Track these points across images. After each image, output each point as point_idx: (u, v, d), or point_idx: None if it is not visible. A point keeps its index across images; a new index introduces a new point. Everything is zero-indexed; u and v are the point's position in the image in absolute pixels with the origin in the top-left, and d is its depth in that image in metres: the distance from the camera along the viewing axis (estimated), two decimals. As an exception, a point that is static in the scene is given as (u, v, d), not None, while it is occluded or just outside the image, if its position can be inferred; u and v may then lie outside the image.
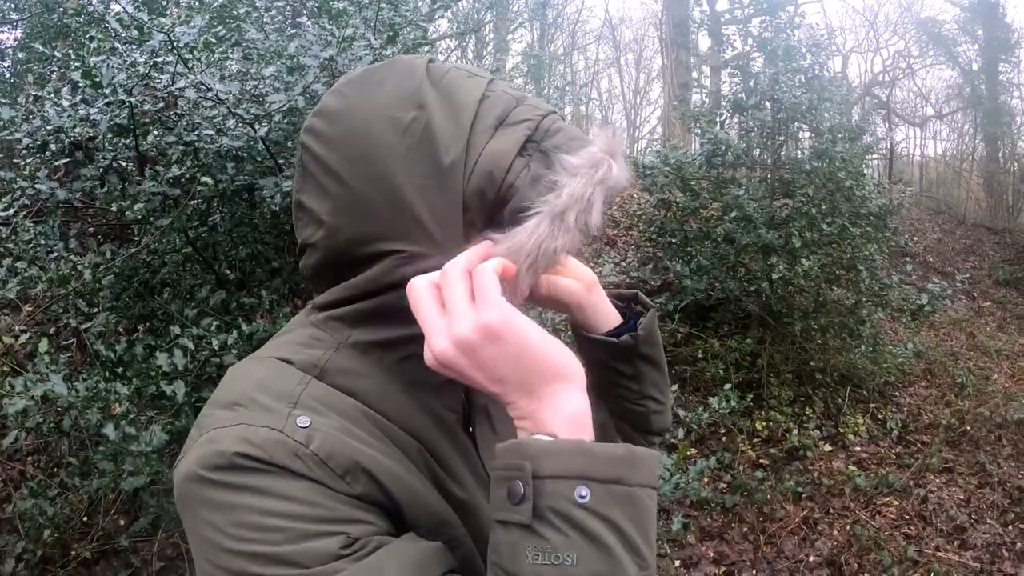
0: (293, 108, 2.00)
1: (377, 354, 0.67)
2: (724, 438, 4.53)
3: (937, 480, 4.40)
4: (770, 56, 5.40)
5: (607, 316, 0.81)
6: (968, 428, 5.01)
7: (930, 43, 14.59)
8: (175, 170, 2.10)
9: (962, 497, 4.23)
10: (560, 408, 0.56)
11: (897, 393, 5.54)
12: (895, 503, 4.09)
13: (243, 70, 2.18)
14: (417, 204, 0.62)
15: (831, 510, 3.99)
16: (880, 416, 5.11)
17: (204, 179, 2.00)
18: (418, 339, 0.62)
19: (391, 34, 1.99)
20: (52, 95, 2.45)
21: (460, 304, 0.56)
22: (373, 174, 0.63)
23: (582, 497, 0.51)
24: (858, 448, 4.77)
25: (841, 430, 4.87)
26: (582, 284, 0.77)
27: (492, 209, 0.64)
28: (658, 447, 0.95)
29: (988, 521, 4.01)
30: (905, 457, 4.69)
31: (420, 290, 0.58)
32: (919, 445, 4.86)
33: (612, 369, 0.83)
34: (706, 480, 3.86)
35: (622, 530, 0.51)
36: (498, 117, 0.64)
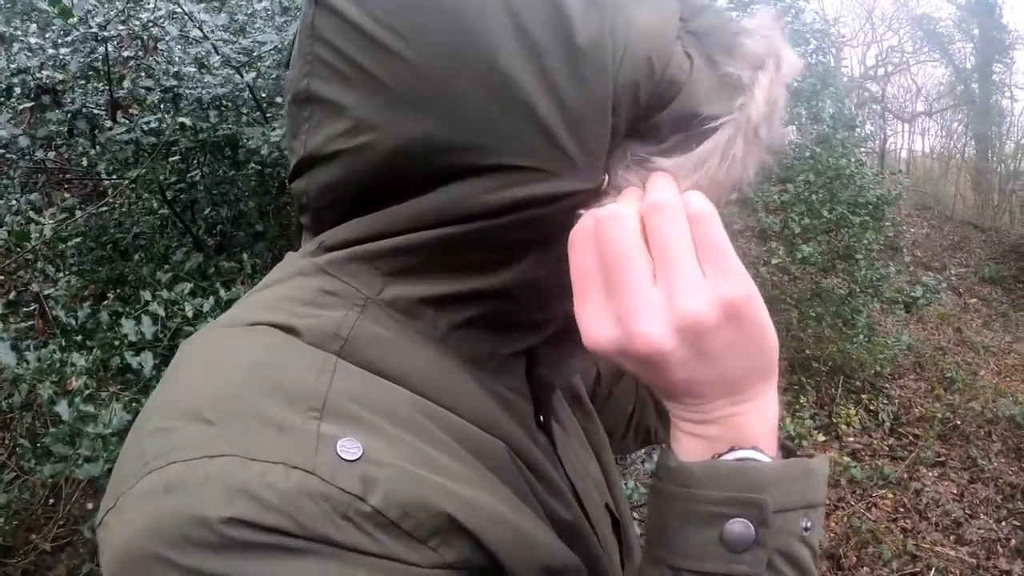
0: (285, 57, 1.80)
1: (429, 316, 0.43)
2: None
3: (930, 474, 4.37)
4: (775, 38, 5.27)
5: None
6: (959, 423, 5.00)
7: (925, 39, 14.61)
8: (151, 118, 1.89)
9: (955, 492, 4.20)
10: (768, 415, 0.42)
11: (888, 385, 5.52)
12: (890, 496, 4.04)
13: (231, 4, 1.97)
14: (538, 98, 0.39)
15: (828, 501, 3.92)
16: (872, 407, 5.07)
17: (182, 119, 1.78)
18: (497, 294, 0.44)
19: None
20: (18, 31, 2.21)
21: (689, 268, 0.38)
22: (458, 44, 0.38)
23: (806, 530, 0.41)
24: (851, 439, 4.73)
25: (834, 420, 4.82)
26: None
27: (642, 113, 0.42)
28: None
29: (982, 516, 3.97)
30: (898, 449, 4.66)
31: (619, 237, 0.39)
32: (911, 438, 4.84)
33: None
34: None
35: (815, 554, 0.42)
36: None
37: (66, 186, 2.70)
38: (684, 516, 0.39)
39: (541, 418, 0.52)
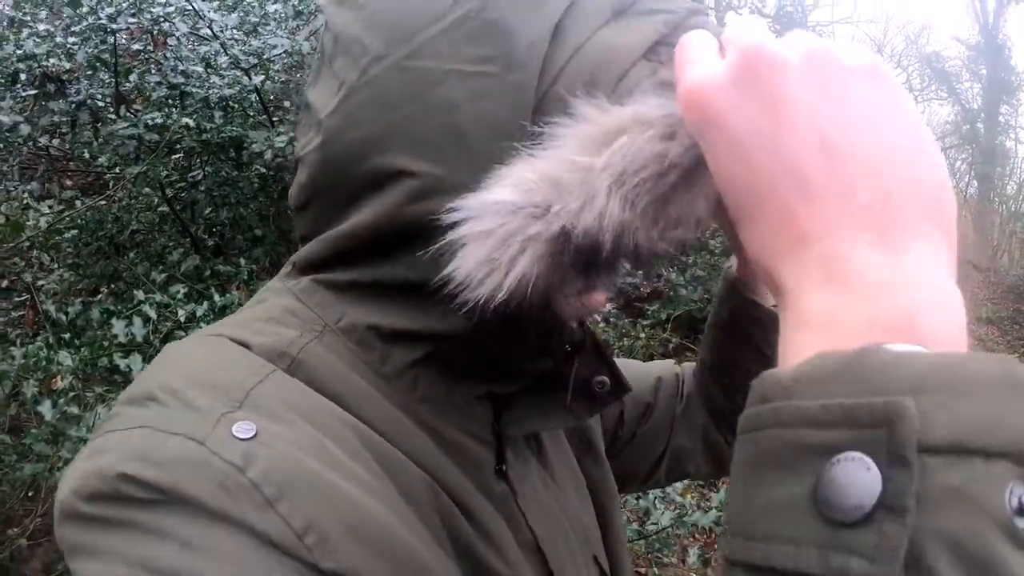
0: (295, 59, 1.78)
1: (380, 349, 0.44)
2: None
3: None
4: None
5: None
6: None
7: (933, 77, 14.74)
8: (156, 114, 1.86)
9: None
10: (948, 296, 0.25)
11: (881, 423, 5.51)
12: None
13: (244, 5, 1.95)
14: (460, 102, 0.39)
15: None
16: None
17: (185, 120, 1.76)
18: (445, 338, 0.44)
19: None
20: (28, 19, 2.19)
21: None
22: (402, 53, 0.41)
23: (1020, 513, 0.20)
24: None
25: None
26: None
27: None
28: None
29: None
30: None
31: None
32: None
33: (756, 352, 0.64)
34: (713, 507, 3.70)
35: None
36: (616, 2, 0.41)
37: (66, 177, 2.67)
38: (755, 460, 0.24)
39: (504, 467, 0.49)
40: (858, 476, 0.21)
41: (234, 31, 1.73)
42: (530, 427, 0.52)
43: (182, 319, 1.62)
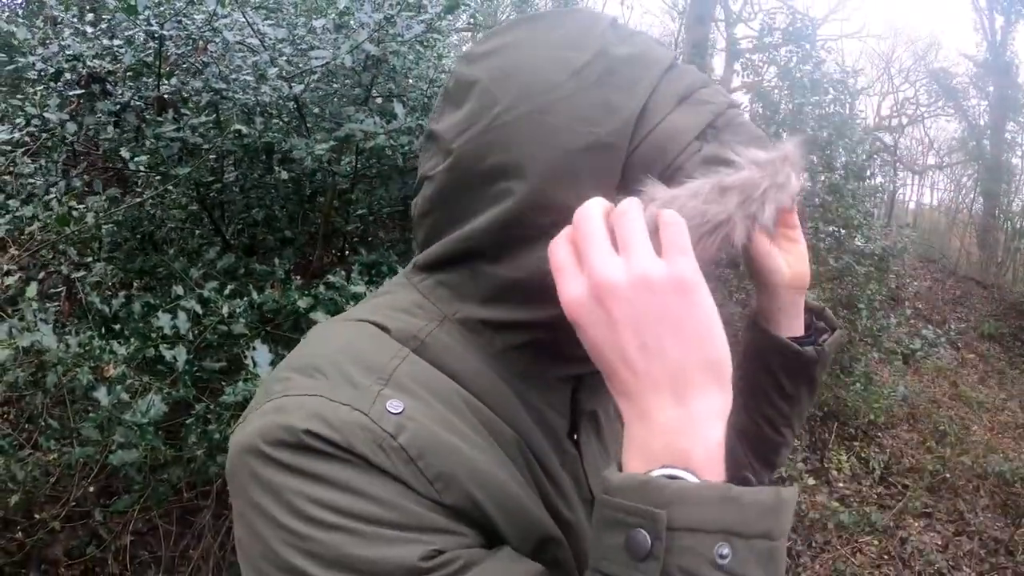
0: (334, 69, 1.88)
1: (488, 335, 0.57)
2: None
3: (917, 524, 4.39)
4: (795, 86, 5.37)
5: (794, 321, 0.72)
6: (948, 476, 5.03)
7: (940, 93, 14.79)
8: (201, 118, 1.96)
9: (940, 543, 4.23)
10: (705, 435, 0.44)
11: (880, 434, 5.55)
12: (876, 543, 4.07)
13: (290, 20, 2.05)
14: (573, 150, 0.53)
15: (814, 544, 3.95)
16: (864, 455, 5.11)
17: (237, 126, 1.86)
18: (541, 325, 0.56)
19: (451, 2, 1.88)
20: (75, 19, 2.28)
21: (642, 241, 0.46)
22: (526, 107, 0.53)
23: (722, 557, 0.41)
24: (841, 484, 4.76)
25: (826, 465, 4.86)
26: (792, 274, 0.68)
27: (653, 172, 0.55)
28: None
29: (965, 568, 4.00)
30: (886, 498, 4.69)
31: (589, 217, 0.48)
32: (900, 487, 4.87)
33: (774, 380, 0.73)
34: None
35: None
36: (682, 92, 0.56)
37: (106, 175, 2.77)
38: (602, 520, 0.45)
39: (576, 435, 0.63)
40: (640, 540, 0.42)
41: (283, 44, 1.83)
42: (597, 403, 0.64)
43: (225, 314, 1.71)
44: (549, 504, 0.57)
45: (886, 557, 3.99)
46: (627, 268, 0.45)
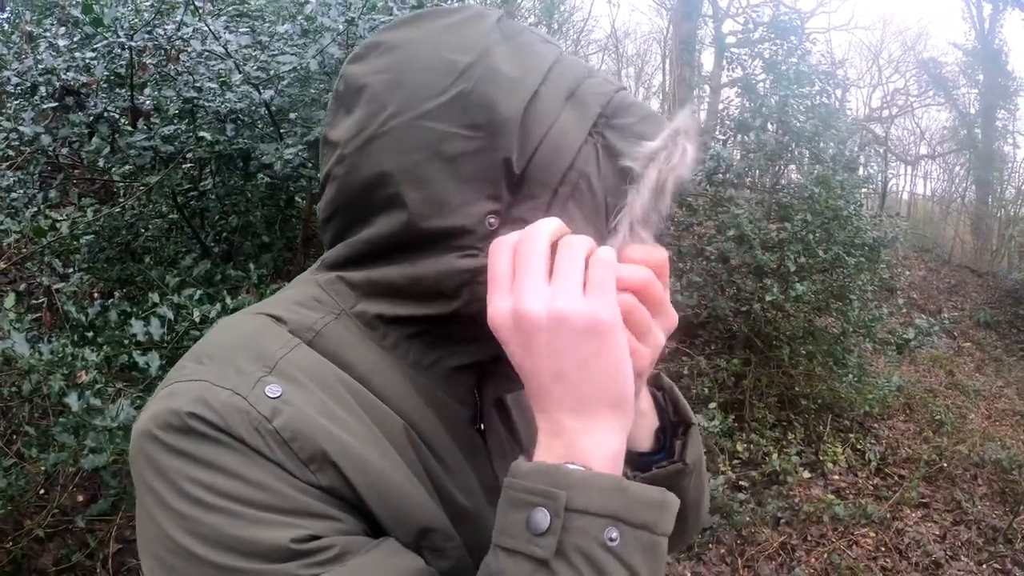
0: (302, 74, 1.89)
1: (383, 329, 0.60)
2: (704, 457, 4.47)
3: (914, 515, 4.38)
4: (779, 79, 5.38)
5: (643, 417, 0.68)
6: (945, 465, 5.02)
7: (930, 83, 14.82)
8: (170, 127, 1.97)
9: (938, 533, 4.22)
10: (604, 443, 0.51)
11: (876, 425, 5.55)
12: (872, 535, 4.06)
13: (255, 27, 2.06)
14: (458, 155, 0.54)
15: (809, 537, 3.95)
16: (859, 447, 5.10)
17: (203, 134, 1.87)
18: (436, 320, 0.58)
19: (417, 4, 1.89)
20: (48, 34, 2.29)
21: (573, 278, 0.50)
22: (411, 114, 0.55)
23: (611, 540, 0.47)
24: (836, 477, 4.75)
25: (821, 458, 4.85)
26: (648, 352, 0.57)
27: (555, 188, 0.57)
28: None
29: (963, 558, 3.99)
30: (883, 489, 4.68)
31: (537, 242, 0.52)
32: (896, 478, 4.86)
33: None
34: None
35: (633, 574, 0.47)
36: (569, 87, 0.58)
37: (82, 185, 2.77)
38: (506, 500, 0.49)
39: (482, 425, 0.64)
40: (540, 517, 0.47)
41: (246, 49, 1.84)
42: (502, 389, 0.65)
43: (197, 319, 1.72)
44: (443, 491, 0.58)
45: (883, 549, 3.98)
46: (549, 303, 0.49)
